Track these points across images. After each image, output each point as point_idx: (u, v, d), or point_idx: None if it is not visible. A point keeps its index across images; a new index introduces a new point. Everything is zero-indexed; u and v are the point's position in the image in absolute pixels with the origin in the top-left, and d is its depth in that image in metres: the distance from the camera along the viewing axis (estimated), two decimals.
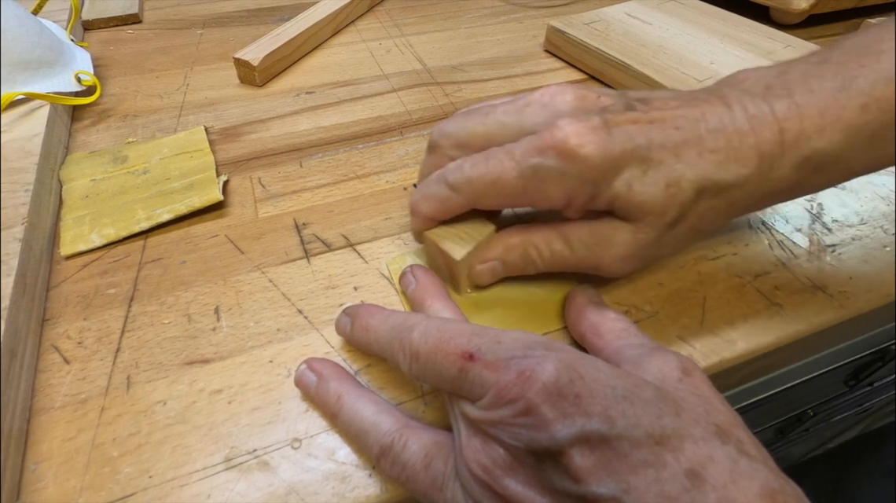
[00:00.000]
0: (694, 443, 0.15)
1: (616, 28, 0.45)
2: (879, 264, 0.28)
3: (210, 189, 0.30)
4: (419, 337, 0.19)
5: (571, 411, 0.16)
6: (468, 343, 0.18)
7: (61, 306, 0.25)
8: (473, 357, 0.18)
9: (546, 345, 0.18)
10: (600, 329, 0.22)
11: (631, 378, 0.17)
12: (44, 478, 0.20)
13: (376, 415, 0.20)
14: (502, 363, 0.17)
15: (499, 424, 0.17)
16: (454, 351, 0.18)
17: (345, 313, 0.23)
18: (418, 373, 0.19)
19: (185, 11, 0.53)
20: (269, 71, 0.42)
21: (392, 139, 0.36)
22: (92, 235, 0.28)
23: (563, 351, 0.17)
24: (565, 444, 0.15)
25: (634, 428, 0.15)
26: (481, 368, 0.17)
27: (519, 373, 0.17)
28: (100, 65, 0.43)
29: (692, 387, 0.18)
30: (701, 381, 0.18)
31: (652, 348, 0.20)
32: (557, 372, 0.16)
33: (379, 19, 0.53)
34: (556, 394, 0.16)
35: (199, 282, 0.27)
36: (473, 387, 0.17)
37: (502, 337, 0.18)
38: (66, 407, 0.22)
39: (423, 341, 0.19)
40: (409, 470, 0.19)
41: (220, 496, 0.19)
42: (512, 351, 0.17)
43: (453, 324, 0.19)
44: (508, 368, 0.17)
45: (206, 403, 0.22)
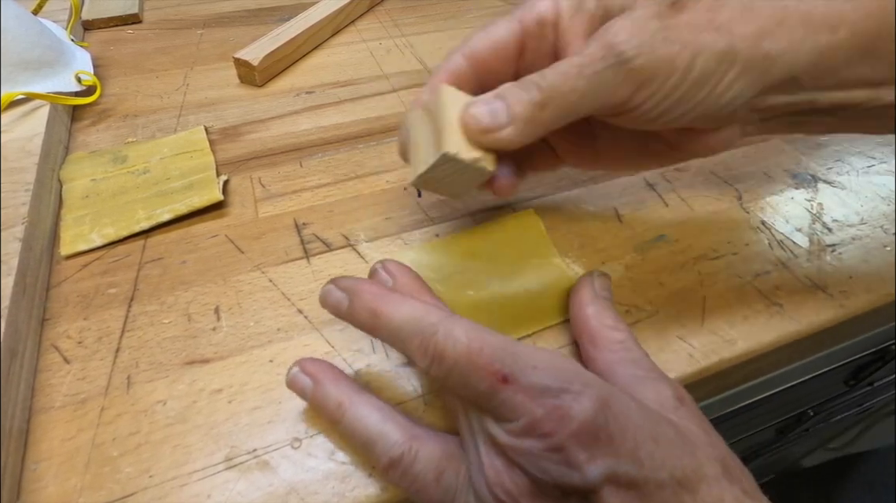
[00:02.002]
0: (708, 484, 0.16)
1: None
2: (880, 264, 0.28)
3: (210, 189, 0.30)
4: (446, 340, 0.17)
5: (604, 451, 0.16)
6: (502, 363, 0.17)
7: (61, 306, 0.25)
8: (508, 380, 0.17)
9: (580, 377, 0.17)
10: (596, 337, 0.22)
11: (653, 415, 0.17)
12: (44, 477, 0.20)
13: (382, 423, 0.19)
14: (537, 392, 0.16)
15: (527, 455, 0.16)
16: (487, 367, 0.17)
17: (338, 287, 0.20)
18: (439, 376, 0.18)
19: (185, 11, 0.53)
20: (269, 71, 0.42)
21: (392, 139, 0.36)
22: (92, 235, 0.28)
23: (596, 386, 0.17)
24: (596, 484, 0.16)
25: (660, 469, 0.16)
26: (514, 393, 0.16)
27: (555, 407, 0.16)
28: (100, 65, 0.43)
29: (689, 416, 0.18)
30: (694, 409, 0.19)
31: (646, 372, 0.20)
32: (594, 412, 0.16)
33: (379, 19, 0.53)
34: (591, 435, 0.16)
35: (199, 281, 0.27)
36: (503, 409, 0.17)
37: (538, 360, 0.17)
38: (67, 406, 0.22)
39: (450, 345, 0.17)
40: (420, 482, 0.18)
41: (220, 496, 0.19)
42: (548, 380, 0.17)
43: (483, 334, 0.18)
44: (543, 400, 0.16)
45: (207, 403, 0.22)
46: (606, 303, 0.23)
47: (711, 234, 0.29)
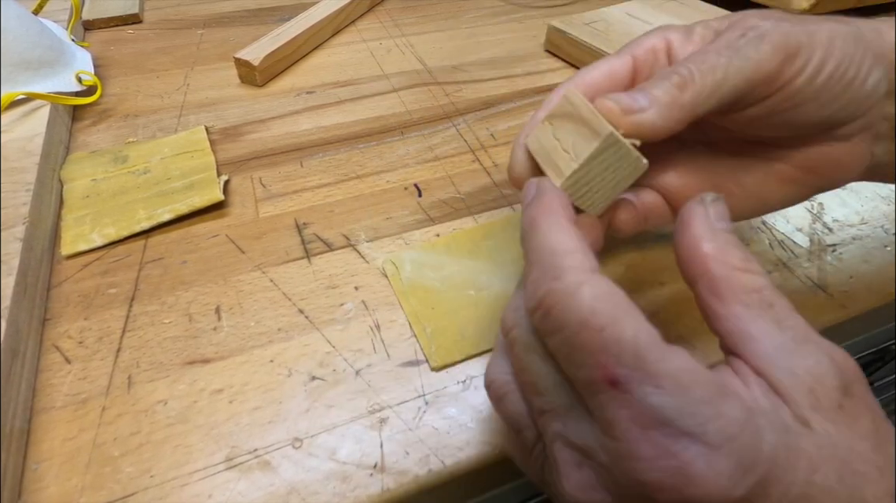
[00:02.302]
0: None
1: (617, 28, 0.45)
2: (880, 264, 0.28)
3: (211, 189, 0.30)
4: (565, 293, 0.14)
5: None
6: (619, 360, 0.13)
7: (62, 306, 0.25)
8: (617, 385, 0.13)
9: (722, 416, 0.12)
10: (720, 285, 0.15)
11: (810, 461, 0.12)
12: (45, 477, 0.20)
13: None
14: (650, 421, 0.12)
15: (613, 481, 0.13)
16: (597, 355, 0.13)
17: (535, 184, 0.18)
18: (540, 327, 0.15)
19: (185, 11, 0.53)
20: (270, 71, 0.42)
21: (392, 139, 0.36)
22: (93, 235, 0.28)
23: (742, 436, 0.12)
24: None
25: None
26: (619, 407, 0.13)
27: (668, 455, 0.12)
28: (100, 65, 0.44)
29: (856, 418, 0.13)
30: (864, 404, 0.14)
31: (798, 341, 0.14)
32: (728, 481, 0.12)
33: (379, 19, 0.53)
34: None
35: (199, 281, 0.27)
36: (597, 412, 0.13)
37: (668, 373, 0.13)
38: (68, 406, 0.22)
39: (566, 304, 0.14)
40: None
41: (221, 495, 0.19)
42: (671, 410, 0.12)
43: (617, 310, 0.13)
44: (658, 441, 0.12)
45: (207, 403, 0.22)
46: (728, 236, 0.16)
47: None
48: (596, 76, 0.21)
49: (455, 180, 0.33)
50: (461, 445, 0.21)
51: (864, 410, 0.13)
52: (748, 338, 0.14)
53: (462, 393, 0.23)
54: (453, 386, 0.23)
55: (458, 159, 0.35)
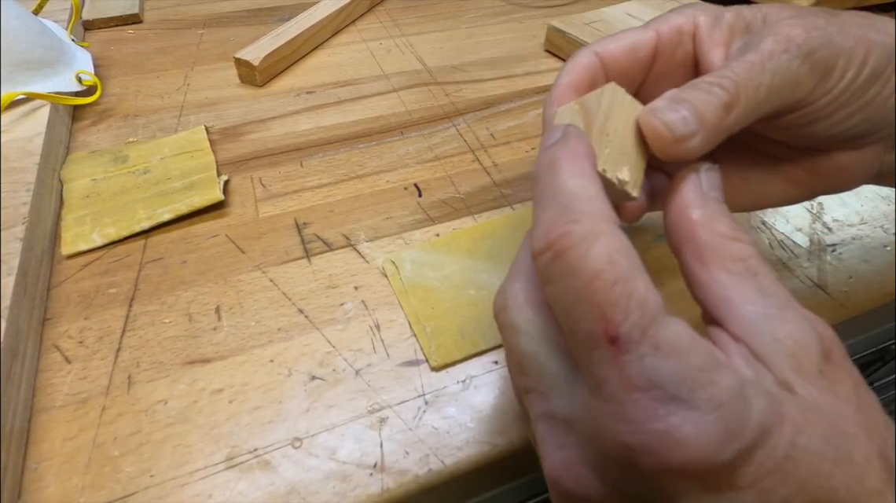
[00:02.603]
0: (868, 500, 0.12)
1: (617, 28, 0.45)
2: (880, 264, 0.28)
3: (211, 189, 0.30)
4: (583, 238, 0.13)
5: (717, 484, 0.12)
6: (625, 316, 0.12)
7: (62, 306, 0.25)
8: (616, 343, 0.12)
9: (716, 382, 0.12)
10: (705, 252, 0.15)
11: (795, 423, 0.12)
12: (45, 477, 0.20)
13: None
14: (643, 383, 0.12)
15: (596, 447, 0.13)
16: (601, 307, 0.12)
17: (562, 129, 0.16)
18: (544, 271, 0.14)
19: (185, 11, 0.53)
20: (270, 71, 0.42)
21: (392, 139, 0.36)
22: (93, 235, 0.28)
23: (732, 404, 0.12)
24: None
25: (796, 496, 0.12)
26: (612, 366, 0.12)
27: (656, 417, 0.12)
28: (100, 65, 0.44)
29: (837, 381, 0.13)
30: (844, 370, 0.14)
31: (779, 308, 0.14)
32: (717, 446, 0.11)
33: (379, 19, 0.53)
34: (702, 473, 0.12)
35: (199, 281, 0.27)
36: (589, 369, 0.13)
37: (665, 338, 0.12)
38: (68, 406, 0.22)
39: (581, 250, 0.13)
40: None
41: (221, 495, 0.19)
42: (662, 375, 0.12)
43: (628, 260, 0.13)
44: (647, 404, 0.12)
45: (207, 403, 0.22)
46: (719, 205, 0.16)
47: None
48: (617, 50, 0.20)
49: (455, 180, 0.33)
50: (461, 445, 0.21)
51: (845, 375, 0.13)
52: (730, 303, 0.14)
53: (462, 392, 0.23)
54: (453, 385, 0.23)
55: (458, 159, 0.35)
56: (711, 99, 0.17)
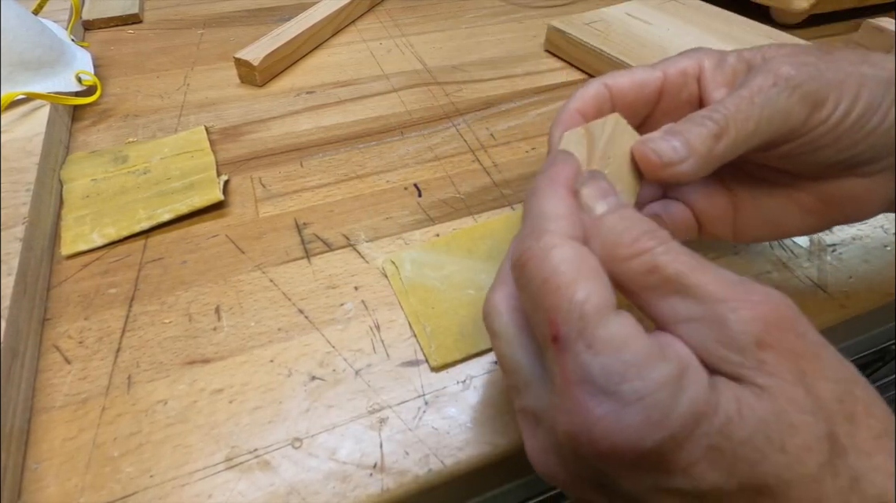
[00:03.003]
0: (801, 486, 0.12)
1: (617, 28, 0.45)
2: (880, 264, 0.28)
3: (210, 189, 0.30)
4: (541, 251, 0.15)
5: (648, 468, 0.13)
6: (566, 318, 0.13)
7: (62, 306, 0.25)
8: (558, 341, 0.14)
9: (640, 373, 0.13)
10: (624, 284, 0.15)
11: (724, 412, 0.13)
12: (45, 477, 0.20)
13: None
14: (575, 382, 0.13)
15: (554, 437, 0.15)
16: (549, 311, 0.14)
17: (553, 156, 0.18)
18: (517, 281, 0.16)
19: (185, 11, 0.53)
20: (270, 71, 0.42)
21: (392, 139, 0.36)
22: (93, 235, 0.28)
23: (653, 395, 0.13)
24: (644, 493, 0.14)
25: (726, 482, 0.13)
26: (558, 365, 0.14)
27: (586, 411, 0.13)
28: (100, 65, 0.44)
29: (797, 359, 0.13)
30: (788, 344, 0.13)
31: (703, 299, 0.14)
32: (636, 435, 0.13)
33: (379, 19, 0.53)
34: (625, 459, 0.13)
35: (199, 281, 0.27)
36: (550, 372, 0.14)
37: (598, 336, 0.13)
38: (67, 406, 0.22)
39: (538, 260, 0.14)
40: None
41: (221, 495, 0.19)
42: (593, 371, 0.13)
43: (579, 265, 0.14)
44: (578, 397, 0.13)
45: (207, 403, 0.22)
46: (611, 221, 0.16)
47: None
48: (625, 84, 0.21)
49: (455, 180, 0.33)
50: (461, 445, 0.21)
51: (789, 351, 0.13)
52: (661, 321, 0.15)
53: (462, 393, 0.23)
54: (453, 386, 0.23)
55: (458, 159, 0.35)
56: (702, 130, 0.18)
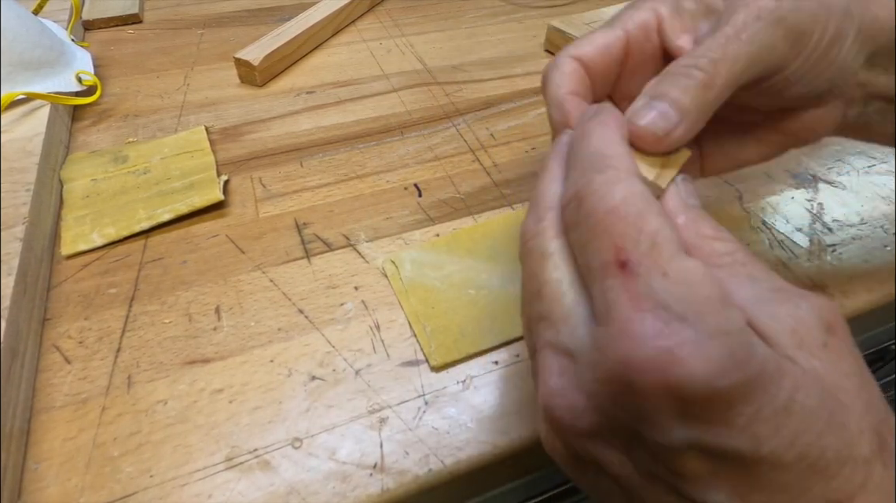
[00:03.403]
0: (854, 467, 0.12)
1: None
2: (880, 264, 0.28)
3: (210, 189, 0.30)
4: (602, 185, 0.14)
5: (709, 417, 0.12)
6: (633, 241, 0.13)
7: (62, 306, 0.25)
8: (626, 266, 0.13)
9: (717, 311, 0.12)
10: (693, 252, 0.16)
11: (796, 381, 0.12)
12: (45, 477, 0.20)
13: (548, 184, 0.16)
14: (649, 305, 0.12)
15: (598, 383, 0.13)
16: (614, 237, 0.13)
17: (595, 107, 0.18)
18: (570, 219, 0.15)
19: (185, 11, 0.53)
20: (270, 71, 0.42)
21: (392, 139, 0.36)
22: (93, 235, 0.28)
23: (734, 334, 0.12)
24: (685, 447, 0.12)
25: (785, 450, 0.12)
26: (622, 289, 0.13)
27: (658, 334, 0.12)
28: (100, 65, 0.44)
29: (840, 357, 0.13)
30: (847, 343, 0.14)
31: (773, 290, 0.14)
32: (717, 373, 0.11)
33: (379, 19, 0.53)
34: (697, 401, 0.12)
35: (199, 281, 0.27)
36: (601, 299, 0.13)
37: (672, 264, 0.13)
38: (67, 406, 0.22)
39: (600, 194, 0.14)
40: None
41: (221, 495, 0.19)
42: (669, 297, 0.12)
43: (644, 203, 0.14)
44: (649, 314, 0.12)
45: (207, 403, 0.22)
46: (700, 211, 0.17)
47: None
48: (592, 52, 0.20)
49: (455, 180, 0.33)
50: (461, 445, 0.21)
51: (848, 351, 0.14)
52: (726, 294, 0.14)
53: (462, 393, 0.23)
54: (453, 386, 0.23)
55: (458, 159, 0.35)
56: (689, 83, 0.17)
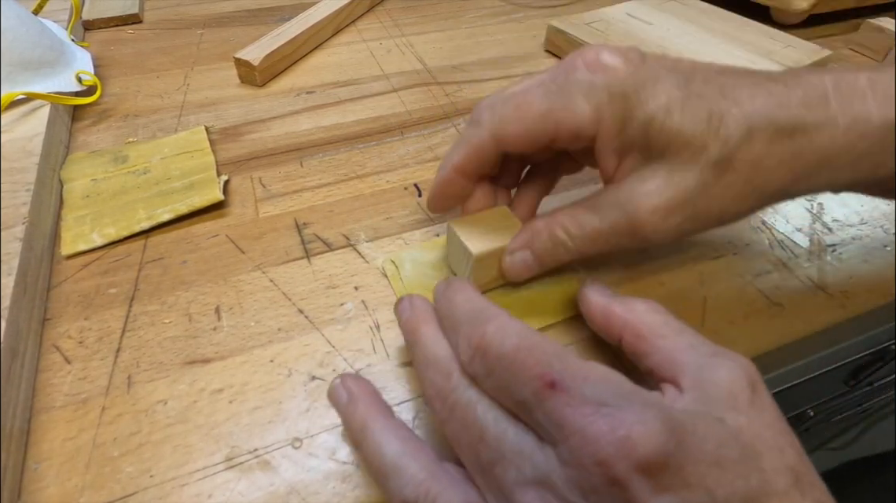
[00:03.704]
0: (778, 499, 0.14)
1: (617, 28, 0.45)
2: (880, 264, 0.28)
3: (211, 189, 0.30)
4: (495, 333, 0.16)
5: (673, 483, 0.14)
6: (551, 366, 0.15)
7: (62, 306, 0.25)
8: (556, 386, 0.15)
9: (641, 394, 0.15)
10: (639, 328, 0.19)
11: (716, 437, 0.14)
12: (45, 477, 0.20)
13: (401, 456, 0.17)
14: (591, 407, 0.14)
15: (578, 488, 0.14)
16: (533, 368, 0.15)
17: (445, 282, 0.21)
18: (479, 371, 0.16)
19: (185, 11, 0.53)
20: (270, 71, 0.42)
21: (392, 139, 0.36)
22: (93, 235, 0.28)
23: (657, 406, 0.14)
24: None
25: (731, 496, 0.14)
26: (563, 405, 0.14)
27: (613, 428, 0.14)
28: (100, 65, 0.44)
29: (762, 412, 0.16)
30: (766, 398, 0.16)
31: (710, 353, 0.17)
32: (664, 437, 0.14)
33: (379, 19, 0.53)
34: (658, 466, 0.13)
35: (199, 281, 0.27)
36: (548, 422, 0.15)
37: (588, 370, 0.15)
38: (67, 406, 0.22)
39: (498, 339, 0.16)
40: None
41: (221, 495, 0.19)
42: (604, 394, 0.15)
43: (533, 334, 0.16)
44: (597, 416, 0.14)
45: (207, 403, 0.22)
46: (622, 296, 0.20)
47: (711, 233, 0.29)
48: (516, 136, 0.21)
49: None
50: None
51: (768, 404, 0.16)
52: (676, 363, 0.17)
53: None
54: None
55: None
56: (555, 253, 0.22)
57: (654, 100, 0.19)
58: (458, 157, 0.22)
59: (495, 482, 0.16)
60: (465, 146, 0.22)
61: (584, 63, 0.20)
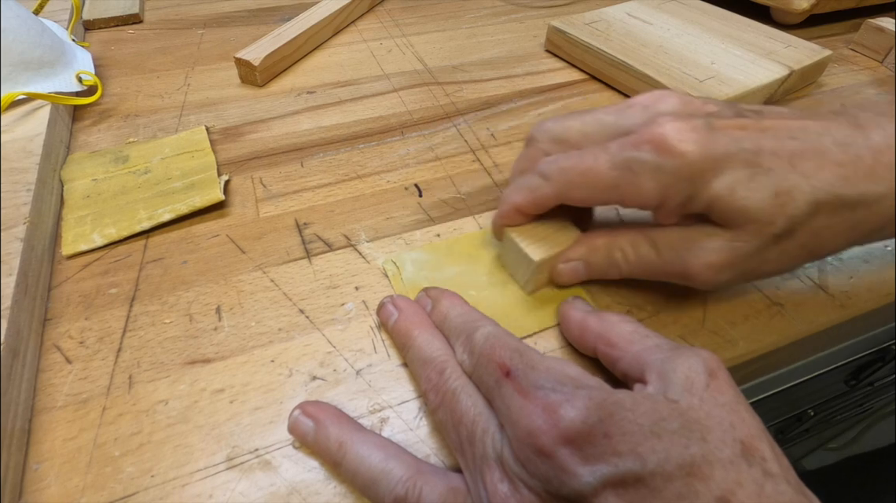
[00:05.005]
0: (723, 468, 0.15)
1: (617, 28, 0.45)
2: (880, 264, 0.28)
3: (211, 189, 0.30)
4: (480, 336, 0.20)
5: (600, 452, 0.15)
6: (509, 358, 0.19)
7: (63, 306, 0.25)
8: (510, 374, 0.18)
9: (576, 380, 0.17)
10: (610, 337, 0.21)
11: (655, 411, 0.16)
12: (46, 477, 0.20)
13: (385, 461, 0.19)
14: (530, 390, 0.17)
15: (524, 463, 0.16)
16: (496, 360, 0.19)
17: (427, 295, 0.24)
18: (470, 368, 0.20)
19: (185, 11, 0.53)
20: (270, 71, 0.42)
21: (393, 139, 0.36)
22: (93, 235, 0.28)
23: (593, 388, 0.17)
24: (597, 487, 0.15)
25: (665, 462, 0.15)
26: (512, 391, 0.18)
27: (544, 406, 0.16)
28: (101, 65, 0.44)
29: (717, 394, 0.17)
30: (726, 384, 0.17)
31: (671, 349, 0.19)
32: (585, 412, 0.16)
33: (380, 19, 0.53)
34: (583, 437, 0.16)
35: (200, 281, 0.27)
36: (502, 405, 0.18)
37: (538, 362, 0.18)
38: (68, 406, 0.22)
39: (481, 341, 0.20)
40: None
41: (222, 496, 0.19)
42: (542, 380, 0.17)
43: (507, 336, 0.20)
44: (535, 398, 0.17)
45: (208, 403, 0.22)
46: (599, 311, 0.23)
47: None
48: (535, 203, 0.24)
49: (455, 180, 0.33)
50: None
51: (726, 387, 0.17)
52: (643, 364, 0.19)
53: None
54: None
55: (459, 159, 0.35)
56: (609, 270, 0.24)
57: (719, 181, 0.19)
58: (522, 200, 0.23)
59: (472, 460, 0.18)
60: (529, 193, 0.23)
61: (650, 138, 0.20)
